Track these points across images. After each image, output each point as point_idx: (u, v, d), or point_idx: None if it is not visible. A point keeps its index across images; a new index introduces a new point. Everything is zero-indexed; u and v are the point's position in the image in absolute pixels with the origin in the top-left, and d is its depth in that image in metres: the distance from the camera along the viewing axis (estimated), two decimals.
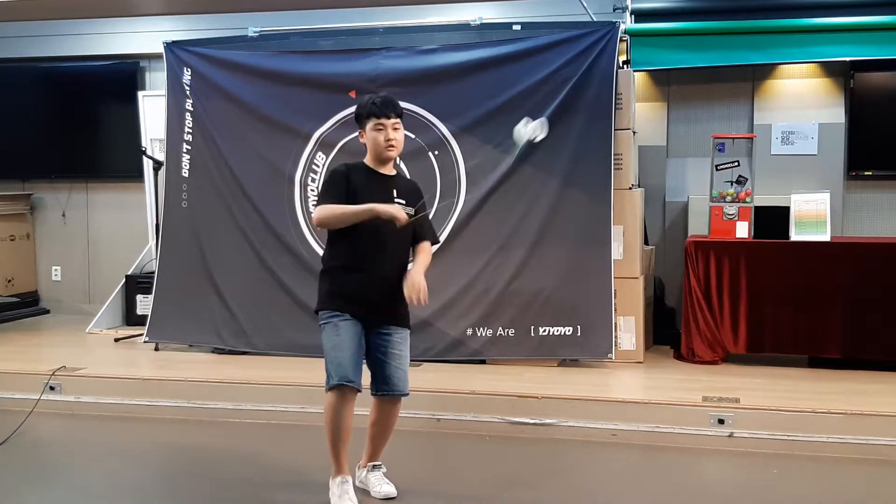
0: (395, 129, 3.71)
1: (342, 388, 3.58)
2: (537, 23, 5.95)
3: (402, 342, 3.75)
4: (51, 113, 7.85)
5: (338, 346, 3.59)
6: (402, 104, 5.72)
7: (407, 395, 3.77)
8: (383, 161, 3.75)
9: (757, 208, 5.82)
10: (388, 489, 3.82)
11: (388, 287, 3.67)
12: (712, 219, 5.85)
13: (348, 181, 3.66)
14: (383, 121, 3.70)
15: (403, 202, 3.71)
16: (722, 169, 5.88)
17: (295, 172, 6.02)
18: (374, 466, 3.90)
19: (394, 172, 3.82)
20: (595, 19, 6.06)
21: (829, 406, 4.60)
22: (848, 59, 6.08)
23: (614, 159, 5.63)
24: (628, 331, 5.72)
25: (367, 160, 3.78)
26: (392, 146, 3.70)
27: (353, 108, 5.84)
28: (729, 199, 5.85)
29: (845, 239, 5.93)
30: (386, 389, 3.73)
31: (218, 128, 6.15)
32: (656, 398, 4.83)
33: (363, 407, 3.79)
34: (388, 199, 3.66)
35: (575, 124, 5.61)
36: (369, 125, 3.71)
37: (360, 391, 3.63)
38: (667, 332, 6.29)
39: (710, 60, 6.02)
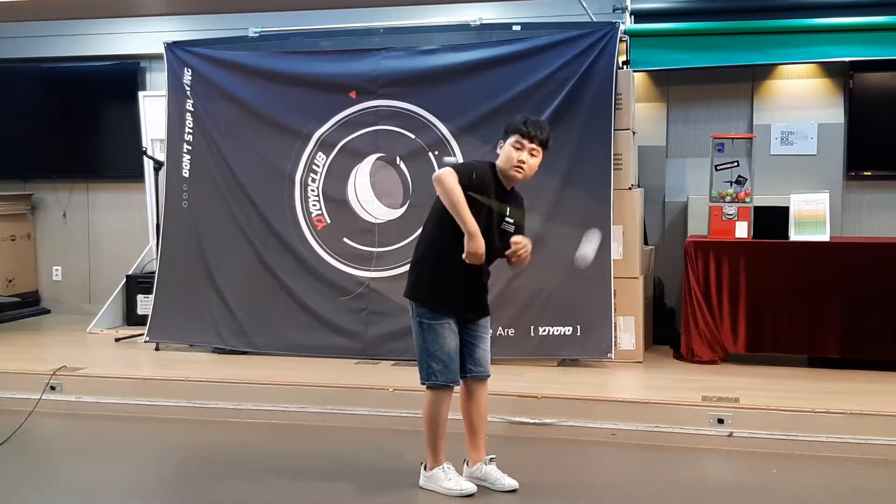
0: (533, 154, 3.75)
1: (448, 387, 3.82)
2: (537, 23, 5.96)
3: (488, 327, 3.99)
4: (52, 113, 7.85)
5: (443, 348, 3.78)
6: (402, 104, 5.89)
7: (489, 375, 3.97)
8: (508, 178, 3.80)
9: (756, 208, 5.82)
10: (513, 482, 3.91)
11: (479, 287, 3.88)
12: (712, 219, 5.85)
13: (483, 182, 3.70)
14: (524, 141, 3.73)
15: (511, 221, 3.81)
16: (721, 169, 5.89)
17: (295, 172, 6.02)
18: (490, 459, 3.96)
19: (509, 188, 3.85)
20: (595, 20, 6.06)
21: (829, 406, 4.61)
22: (848, 59, 6.08)
23: (614, 159, 5.63)
24: (628, 331, 5.72)
25: (500, 168, 3.83)
26: (520, 168, 3.74)
27: (353, 109, 6.03)
28: (728, 199, 5.85)
29: (844, 239, 5.94)
30: (476, 371, 3.91)
31: (219, 128, 6.15)
32: (656, 398, 4.84)
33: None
34: (502, 210, 3.77)
35: (575, 124, 5.61)
36: (510, 140, 3.76)
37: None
38: (666, 332, 6.30)
39: (709, 61, 6.03)
